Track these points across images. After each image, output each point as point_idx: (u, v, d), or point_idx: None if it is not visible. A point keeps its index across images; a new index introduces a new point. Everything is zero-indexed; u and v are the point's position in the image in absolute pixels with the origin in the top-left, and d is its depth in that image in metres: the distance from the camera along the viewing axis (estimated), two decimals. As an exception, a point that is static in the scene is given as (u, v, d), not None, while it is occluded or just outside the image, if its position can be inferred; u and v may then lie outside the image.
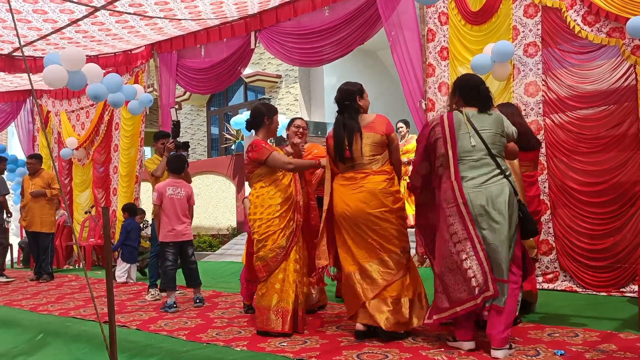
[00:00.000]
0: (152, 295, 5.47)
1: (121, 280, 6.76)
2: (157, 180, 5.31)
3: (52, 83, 5.98)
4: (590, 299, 4.58)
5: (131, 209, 7.16)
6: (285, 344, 3.42)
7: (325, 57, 6.64)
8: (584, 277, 4.84)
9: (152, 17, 6.74)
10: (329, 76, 12.28)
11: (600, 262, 4.76)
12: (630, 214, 4.65)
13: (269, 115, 3.93)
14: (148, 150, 15.24)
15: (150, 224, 5.85)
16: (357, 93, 3.63)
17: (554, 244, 5.01)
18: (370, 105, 3.81)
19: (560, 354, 2.92)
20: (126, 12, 6.44)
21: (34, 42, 7.28)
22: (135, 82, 8.19)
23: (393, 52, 5.84)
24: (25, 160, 7.95)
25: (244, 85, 13.71)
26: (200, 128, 14.96)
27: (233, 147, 12.85)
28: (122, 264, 6.89)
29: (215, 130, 14.79)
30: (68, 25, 6.74)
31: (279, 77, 12.68)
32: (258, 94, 13.53)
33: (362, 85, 3.70)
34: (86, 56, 6.12)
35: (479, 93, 3.25)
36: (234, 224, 10.99)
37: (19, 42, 3.25)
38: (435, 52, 5.74)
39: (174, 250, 4.92)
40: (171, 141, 5.44)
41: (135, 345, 3.59)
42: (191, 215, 5.12)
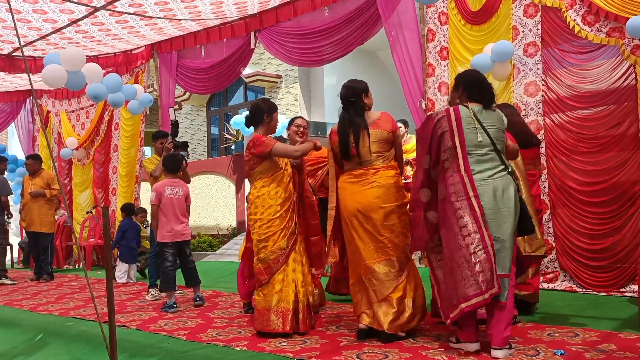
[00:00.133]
0: (152, 295, 5.47)
1: (121, 281, 6.76)
2: (155, 180, 5.31)
3: (51, 83, 5.98)
4: (590, 299, 4.58)
5: (128, 209, 7.15)
6: (285, 343, 3.42)
7: (325, 57, 6.64)
8: (584, 277, 4.85)
9: (152, 17, 6.74)
10: (329, 76, 12.29)
11: (600, 261, 4.76)
12: (630, 213, 4.65)
13: (268, 112, 3.91)
14: (148, 150, 15.23)
15: (150, 223, 5.85)
16: (363, 91, 3.62)
17: (553, 244, 5.01)
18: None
19: (560, 354, 2.92)
20: (126, 12, 6.44)
21: (33, 42, 7.28)
22: (135, 82, 8.19)
23: (393, 52, 5.84)
24: (24, 160, 7.95)
25: (244, 85, 13.71)
26: (200, 128, 14.96)
27: (233, 147, 12.86)
28: (121, 265, 6.88)
29: (215, 130, 14.79)
30: (68, 26, 6.74)
31: (278, 77, 12.68)
32: (258, 94, 13.53)
33: (367, 84, 3.70)
34: (86, 56, 6.12)
35: (483, 88, 3.24)
36: (234, 224, 11.00)
37: (19, 42, 3.24)
38: (435, 52, 5.74)
39: (172, 251, 4.91)
40: (170, 141, 5.44)
41: (135, 345, 3.59)
42: (188, 215, 5.13)
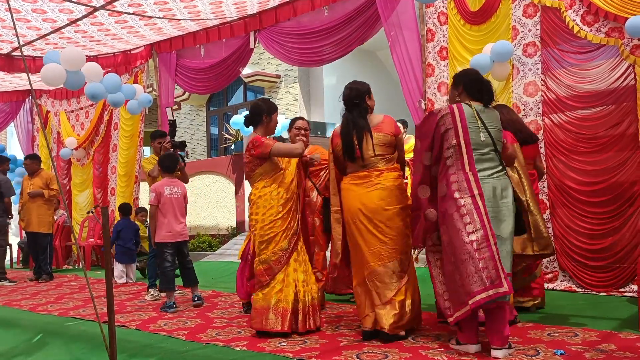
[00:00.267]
0: (152, 295, 5.47)
1: (120, 282, 6.76)
2: (154, 181, 5.31)
3: (50, 82, 5.97)
4: (590, 299, 4.58)
5: (124, 209, 7.15)
6: (285, 343, 3.42)
7: (324, 57, 6.65)
8: (583, 277, 4.85)
9: (151, 17, 6.74)
10: (329, 76, 12.28)
11: (599, 261, 4.76)
12: (629, 213, 4.65)
13: (267, 113, 3.89)
14: (148, 150, 15.22)
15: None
16: (366, 93, 3.62)
17: (553, 244, 5.00)
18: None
19: (560, 354, 2.92)
20: (125, 12, 6.44)
21: (33, 41, 7.28)
22: (135, 82, 8.19)
23: (392, 52, 5.84)
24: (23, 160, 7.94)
25: (244, 85, 13.70)
26: (199, 128, 14.95)
27: (232, 147, 12.84)
28: (117, 265, 6.84)
29: (214, 130, 14.78)
30: (67, 25, 6.74)
31: (278, 77, 12.67)
32: (257, 94, 13.52)
33: (369, 85, 3.70)
34: (85, 56, 6.12)
35: (483, 87, 3.24)
36: (234, 224, 10.99)
37: (18, 42, 3.23)
38: (435, 52, 5.74)
39: (172, 251, 4.91)
40: (168, 141, 5.44)
41: (135, 345, 3.59)
42: (185, 214, 5.12)
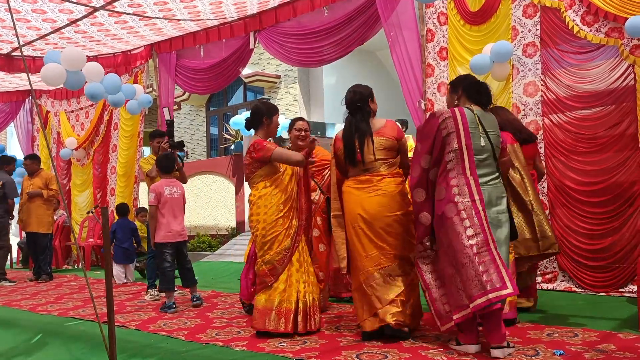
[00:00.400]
0: (151, 295, 5.47)
1: (119, 282, 6.75)
2: (152, 181, 5.30)
3: (51, 82, 5.96)
4: (589, 299, 4.58)
5: (120, 210, 7.14)
6: (284, 344, 3.41)
7: (324, 58, 6.64)
8: (583, 277, 4.85)
9: (151, 18, 6.74)
10: (329, 76, 12.29)
11: (598, 262, 4.77)
12: (629, 213, 4.65)
13: (268, 115, 3.88)
14: (147, 151, 15.22)
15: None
16: (369, 96, 3.61)
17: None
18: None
19: (560, 354, 2.92)
20: (125, 13, 6.44)
21: (33, 42, 7.28)
22: (135, 82, 8.18)
23: (392, 52, 5.84)
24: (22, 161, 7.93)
25: (243, 86, 13.70)
26: (199, 128, 14.95)
27: (232, 147, 12.84)
28: (114, 265, 6.80)
29: (214, 130, 14.78)
30: (67, 25, 6.74)
31: (278, 77, 12.67)
32: (257, 94, 13.53)
33: (372, 89, 3.69)
34: (86, 56, 6.12)
35: (481, 89, 3.25)
36: (233, 224, 10.99)
37: (18, 42, 3.23)
38: (435, 52, 5.74)
39: (171, 251, 4.92)
40: (165, 141, 5.44)
41: (135, 345, 3.59)
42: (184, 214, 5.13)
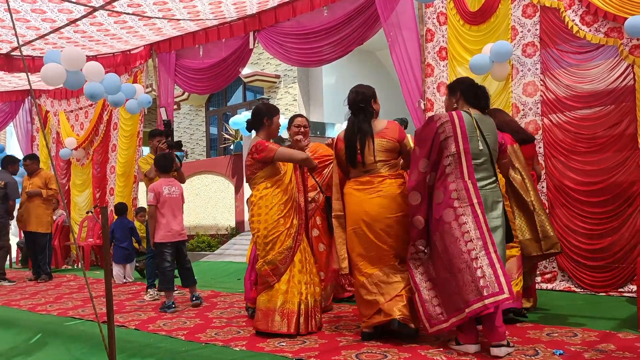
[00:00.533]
0: (151, 295, 5.47)
1: (119, 282, 6.75)
2: (151, 181, 5.30)
3: (50, 81, 5.96)
4: (589, 299, 4.59)
5: (118, 209, 7.13)
6: (284, 343, 3.41)
7: (324, 58, 6.64)
8: (582, 277, 4.85)
9: (150, 18, 6.74)
10: (328, 76, 12.28)
11: (598, 262, 4.77)
12: (628, 213, 4.66)
13: (268, 116, 3.87)
14: (147, 150, 15.21)
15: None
16: (372, 97, 3.60)
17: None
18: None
19: (559, 354, 2.93)
20: (125, 13, 6.43)
21: (32, 41, 7.27)
22: (134, 82, 8.18)
23: (392, 52, 5.84)
24: (22, 161, 7.91)
25: (243, 85, 13.70)
26: (199, 128, 14.95)
27: (232, 147, 12.84)
28: (114, 265, 6.80)
29: (214, 130, 14.78)
30: (66, 25, 6.74)
31: (277, 77, 12.67)
32: (257, 94, 13.52)
33: (375, 89, 3.68)
34: (85, 56, 6.12)
35: (479, 92, 3.26)
36: (233, 224, 11.00)
37: (18, 42, 3.23)
38: (434, 52, 5.74)
39: (171, 251, 4.92)
40: (163, 141, 5.44)
41: (134, 345, 3.59)
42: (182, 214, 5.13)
